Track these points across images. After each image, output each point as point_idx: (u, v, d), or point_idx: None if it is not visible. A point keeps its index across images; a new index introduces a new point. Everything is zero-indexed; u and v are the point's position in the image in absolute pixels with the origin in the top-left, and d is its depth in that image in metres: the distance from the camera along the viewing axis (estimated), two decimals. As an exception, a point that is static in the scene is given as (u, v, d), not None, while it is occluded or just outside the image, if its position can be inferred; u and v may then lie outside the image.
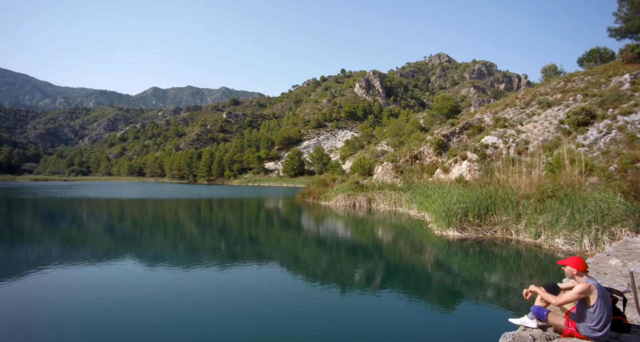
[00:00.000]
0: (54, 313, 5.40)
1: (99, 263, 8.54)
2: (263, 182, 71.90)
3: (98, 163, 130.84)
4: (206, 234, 13.32)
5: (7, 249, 10.35)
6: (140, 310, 5.59)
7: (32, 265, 8.34)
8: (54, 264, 8.38)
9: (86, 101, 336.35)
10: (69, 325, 4.97)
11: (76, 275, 7.53)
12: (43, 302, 5.89)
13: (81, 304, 5.81)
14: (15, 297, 6.15)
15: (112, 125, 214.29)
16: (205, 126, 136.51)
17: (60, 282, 6.99)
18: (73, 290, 6.53)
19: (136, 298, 6.17)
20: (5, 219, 17.23)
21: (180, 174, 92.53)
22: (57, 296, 6.20)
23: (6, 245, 10.98)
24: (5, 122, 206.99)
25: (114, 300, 5.99)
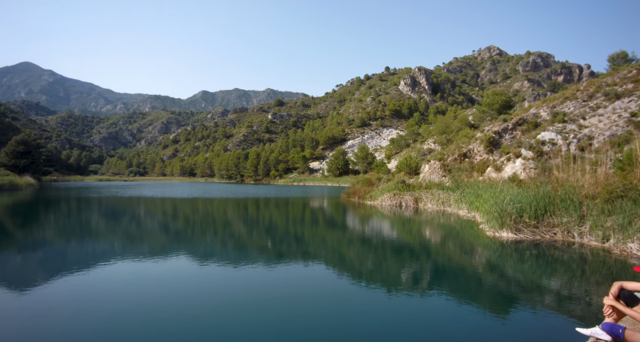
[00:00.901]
0: (111, 305, 5.75)
1: (155, 259, 9.02)
2: (308, 181, 72.65)
3: (153, 164, 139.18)
4: (253, 232, 13.65)
5: (77, 244, 11.32)
6: (190, 305, 5.81)
7: (98, 258, 9.02)
8: (116, 259, 8.99)
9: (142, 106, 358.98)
10: (125, 317, 5.28)
11: (134, 269, 8.01)
12: (102, 295, 6.31)
13: (137, 297, 6.15)
14: (82, 287, 6.65)
15: (166, 128, 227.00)
16: (252, 127, 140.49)
17: (120, 276, 7.47)
18: (131, 284, 6.94)
19: (187, 294, 6.42)
20: (76, 216, 18.80)
21: (229, 174, 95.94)
22: (114, 289, 6.62)
23: (77, 239, 12.01)
24: (75, 127, 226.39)
25: (166, 295, 6.29)
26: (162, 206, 23.81)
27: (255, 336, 4.68)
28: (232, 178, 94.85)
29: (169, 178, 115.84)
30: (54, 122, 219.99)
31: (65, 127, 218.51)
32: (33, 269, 8.19)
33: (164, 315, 5.32)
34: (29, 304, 5.79)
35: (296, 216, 19.28)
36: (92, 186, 56.80)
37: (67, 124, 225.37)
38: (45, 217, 17.84)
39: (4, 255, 9.67)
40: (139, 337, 4.59)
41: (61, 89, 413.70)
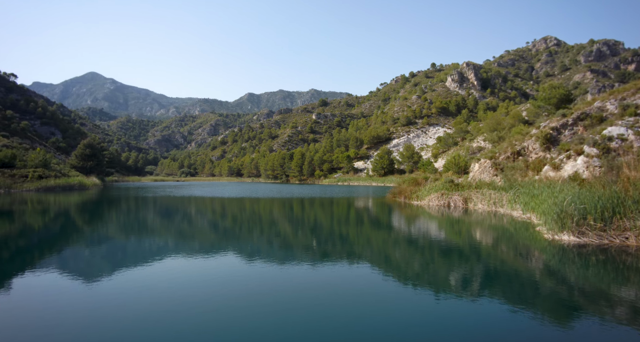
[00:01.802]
0: (163, 300, 6.04)
1: (205, 256, 9.38)
2: (352, 181, 72.35)
3: (203, 165, 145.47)
4: (298, 232, 13.79)
5: (136, 240, 12.11)
6: (238, 305, 5.95)
7: (154, 254, 9.58)
8: (170, 255, 9.49)
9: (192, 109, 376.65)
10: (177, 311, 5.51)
11: (186, 266, 8.39)
12: (155, 289, 6.64)
13: (188, 292, 6.41)
14: (139, 281, 7.06)
15: (214, 130, 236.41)
16: (296, 128, 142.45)
17: (173, 272, 7.85)
18: (183, 279, 7.26)
19: (236, 292, 6.59)
20: (135, 214, 20.11)
21: (274, 174, 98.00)
22: (168, 283, 6.95)
23: (135, 236, 12.84)
24: (133, 131, 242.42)
25: (215, 292, 6.50)
26: (211, 205, 24.79)
27: (302, 335, 4.69)
28: (278, 178, 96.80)
29: (218, 178, 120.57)
30: (115, 127, 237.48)
31: (124, 131, 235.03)
32: (98, 262, 8.84)
33: (213, 312, 5.50)
34: (95, 293, 6.26)
35: (341, 215, 19.23)
36: (148, 186, 60.46)
37: (125, 128, 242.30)
38: (108, 215, 19.27)
39: (75, 248, 10.58)
40: (190, 331, 4.77)
41: (121, 96, 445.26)
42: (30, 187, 37.31)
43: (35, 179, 39.25)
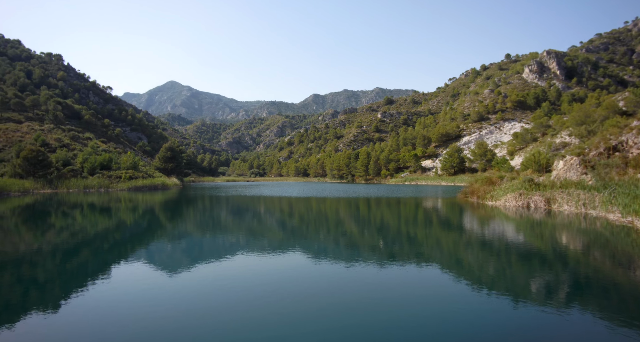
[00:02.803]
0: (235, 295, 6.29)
1: (274, 253, 9.67)
2: (420, 180, 70.04)
3: (271, 165, 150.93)
4: (365, 231, 13.63)
5: (211, 236, 12.92)
6: (305, 306, 6.00)
7: (227, 250, 10.13)
8: (241, 251, 9.96)
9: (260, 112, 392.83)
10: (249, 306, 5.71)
11: (256, 263, 8.72)
12: (227, 284, 6.96)
13: (257, 288, 6.63)
14: (214, 276, 7.48)
15: (281, 132, 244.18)
16: (361, 127, 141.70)
17: (245, 268, 8.20)
18: (253, 275, 7.54)
19: (304, 290, 6.67)
20: (210, 212, 21.51)
21: (340, 174, 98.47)
22: (240, 279, 7.26)
23: (210, 232, 13.70)
24: (207, 134, 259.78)
25: (283, 290, 6.63)
26: (279, 204, 25.59)
27: (371, 336, 4.57)
28: (344, 178, 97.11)
29: (285, 178, 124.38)
30: (191, 131, 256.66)
31: (199, 134, 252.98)
32: (178, 256, 9.57)
33: (279, 310, 5.60)
34: (175, 284, 6.78)
35: (408, 216, 18.66)
36: (221, 186, 64.31)
37: (200, 132, 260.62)
38: (187, 213, 20.84)
39: (159, 243, 11.60)
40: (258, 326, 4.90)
41: (196, 102, 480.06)
42: (123, 187, 41.79)
43: (126, 180, 43.87)
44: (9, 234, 12.69)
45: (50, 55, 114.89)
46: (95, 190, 39.15)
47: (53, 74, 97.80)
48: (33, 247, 10.41)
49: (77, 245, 10.93)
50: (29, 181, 35.35)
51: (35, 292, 6.53)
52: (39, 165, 37.50)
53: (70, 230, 13.72)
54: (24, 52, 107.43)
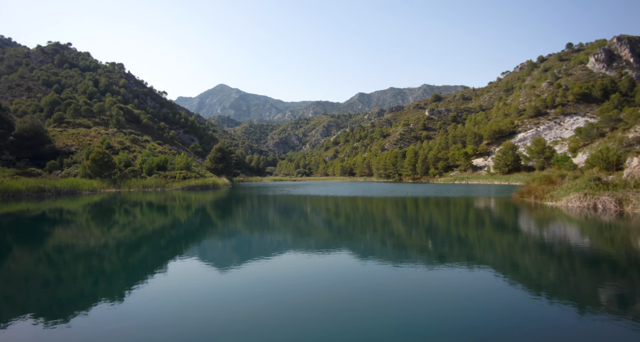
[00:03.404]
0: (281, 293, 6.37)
1: (320, 253, 9.70)
2: (471, 180, 67.15)
3: (317, 165, 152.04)
4: (412, 232, 13.29)
5: (259, 234, 13.25)
6: (350, 301, 5.94)
7: (275, 248, 10.34)
8: (288, 250, 10.11)
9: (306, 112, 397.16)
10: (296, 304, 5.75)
11: (303, 262, 8.79)
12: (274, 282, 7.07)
13: (304, 288, 6.67)
14: (260, 274, 7.64)
15: (326, 131, 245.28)
16: (408, 125, 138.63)
17: (291, 267, 8.30)
18: (300, 274, 7.61)
19: (350, 291, 6.62)
20: (258, 210, 22.09)
21: (386, 173, 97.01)
22: (286, 277, 7.35)
23: (258, 231, 14.06)
24: (254, 135, 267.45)
25: (329, 289, 6.62)
26: (325, 204, 25.70)
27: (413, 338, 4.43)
28: (390, 177, 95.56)
29: (331, 178, 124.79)
30: (240, 132, 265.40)
31: (247, 135, 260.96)
32: (229, 254, 9.91)
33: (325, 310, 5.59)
34: (225, 282, 7.03)
35: (459, 216, 17.93)
36: (269, 185, 65.86)
37: (248, 133, 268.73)
38: (236, 211, 21.57)
39: (211, 240, 12.11)
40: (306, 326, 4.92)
41: (244, 104, 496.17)
42: (177, 187, 44.15)
43: (180, 180, 46.30)
44: (82, 229, 13.87)
45: (113, 64, 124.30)
46: (153, 189, 41.72)
47: (116, 82, 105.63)
48: (100, 242, 11.29)
49: (137, 240, 11.69)
50: (97, 181, 38.46)
51: (103, 282, 7.07)
52: (104, 166, 40.69)
53: (132, 226, 14.71)
54: (92, 63, 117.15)
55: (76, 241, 11.43)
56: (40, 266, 8.36)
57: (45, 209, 20.84)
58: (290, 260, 8.81)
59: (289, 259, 8.86)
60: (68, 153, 50.40)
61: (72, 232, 13.15)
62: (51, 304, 5.93)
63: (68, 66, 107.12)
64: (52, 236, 12.50)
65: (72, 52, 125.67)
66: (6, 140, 45.20)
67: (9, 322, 5.15)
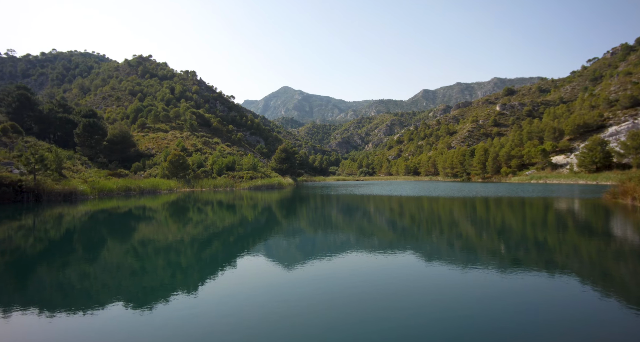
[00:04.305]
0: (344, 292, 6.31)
1: (384, 253, 9.51)
2: (550, 178, 61.55)
3: (380, 164, 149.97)
4: (482, 233, 12.49)
5: (322, 234, 13.39)
6: (417, 305, 5.70)
7: (338, 248, 10.35)
8: (351, 249, 10.05)
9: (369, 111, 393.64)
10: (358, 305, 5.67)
11: (365, 262, 8.68)
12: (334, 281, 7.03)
13: (366, 289, 6.55)
14: (322, 273, 7.68)
15: (390, 130, 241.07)
16: (477, 122, 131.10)
17: (353, 267, 8.23)
18: (360, 275, 7.51)
19: (415, 293, 6.38)
20: (321, 210, 22.36)
21: (453, 172, 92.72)
22: (348, 277, 7.29)
23: (322, 230, 14.20)
24: (317, 135, 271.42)
25: (393, 291, 6.44)
26: (389, 203, 25.21)
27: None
28: (458, 176, 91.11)
29: (395, 177, 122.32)
30: (303, 132, 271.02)
31: (310, 135, 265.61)
32: (293, 252, 10.13)
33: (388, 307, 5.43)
34: (287, 278, 7.18)
35: (536, 218, 16.49)
36: (332, 185, 66.34)
37: (311, 133, 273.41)
38: (300, 210, 22.02)
39: (274, 239, 12.49)
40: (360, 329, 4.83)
41: (307, 104, 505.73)
42: (244, 186, 46.31)
43: (247, 180, 48.49)
44: (161, 225, 15.12)
45: (187, 72, 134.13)
46: (223, 189, 44.20)
47: (189, 88, 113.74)
48: (177, 237, 12.20)
49: (209, 237, 12.44)
50: (173, 181, 41.73)
51: (179, 275, 7.62)
52: (180, 167, 44.00)
53: (204, 224, 15.70)
54: (169, 72, 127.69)
55: (156, 236, 12.47)
56: (128, 257, 9.24)
57: (132, 207, 23.07)
58: (354, 260, 8.75)
59: (352, 259, 8.81)
60: (149, 155, 55.37)
61: (153, 227, 14.38)
62: (137, 291, 6.52)
63: (149, 76, 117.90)
64: (137, 230, 13.78)
65: (152, 63, 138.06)
66: (101, 145, 50.93)
67: (105, 305, 5.76)
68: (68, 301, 6.11)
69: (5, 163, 27.72)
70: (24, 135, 39.25)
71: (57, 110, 54.88)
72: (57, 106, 56.87)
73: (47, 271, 8.11)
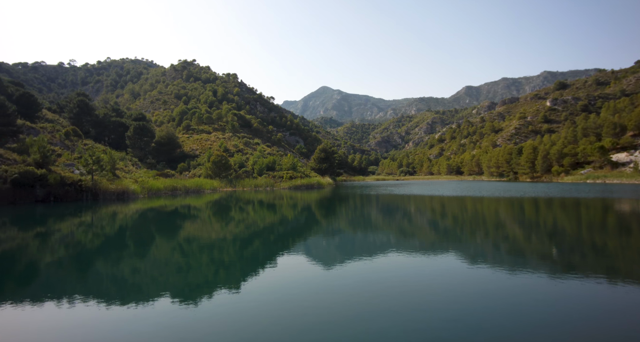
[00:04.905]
0: (381, 294, 6.20)
1: (424, 255, 9.26)
2: (610, 178, 57.16)
3: (421, 164, 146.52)
4: (532, 236, 11.82)
5: (362, 234, 13.30)
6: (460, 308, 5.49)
7: (378, 248, 10.21)
8: (391, 250, 9.87)
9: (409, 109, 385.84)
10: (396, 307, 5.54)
11: (406, 263, 8.49)
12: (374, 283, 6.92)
13: (406, 291, 6.40)
14: (361, 273, 7.60)
15: (431, 129, 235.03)
16: (525, 118, 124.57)
17: (394, 268, 8.07)
18: (401, 276, 7.34)
19: (459, 297, 6.15)
20: (360, 210, 22.21)
21: (499, 172, 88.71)
22: (388, 278, 7.15)
23: (361, 230, 14.12)
24: (356, 135, 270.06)
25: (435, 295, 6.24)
26: (430, 204, 24.56)
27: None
28: (504, 175, 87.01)
29: (436, 177, 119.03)
30: (342, 132, 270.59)
31: (349, 135, 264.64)
32: (332, 252, 10.12)
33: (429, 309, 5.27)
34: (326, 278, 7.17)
35: (593, 220, 15.37)
36: (371, 185, 65.74)
37: (350, 133, 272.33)
38: (339, 210, 22.00)
39: (313, 239, 12.55)
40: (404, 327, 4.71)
41: (346, 104, 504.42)
42: (284, 186, 47.00)
43: (287, 179, 49.17)
44: (205, 223, 15.70)
45: (228, 75, 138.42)
46: (263, 188, 45.14)
47: (230, 91, 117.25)
48: (220, 236, 12.60)
49: (250, 236, 12.74)
50: (216, 181, 43.20)
51: (222, 271, 7.87)
52: (222, 167, 45.47)
53: (246, 222, 16.10)
54: (211, 75, 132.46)
55: (200, 233, 12.95)
56: (175, 254, 9.67)
57: (178, 205, 24.14)
58: (394, 260, 8.59)
59: (392, 260, 8.65)
60: (193, 156, 57.70)
61: (197, 226, 14.96)
62: (183, 287, 6.80)
63: (193, 80, 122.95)
64: (183, 228, 14.39)
65: (196, 67, 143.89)
66: (149, 146, 53.79)
67: (154, 298, 6.07)
68: (122, 293, 6.49)
69: (68, 164, 30.02)
70: (83, 139, 42.30)
71: (111, 114, 58.66)
72: (111, 111, 60.81)
73: (104, 264, 8.67)
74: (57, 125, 44.57)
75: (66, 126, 44.81)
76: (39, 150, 26.13)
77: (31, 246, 10.93)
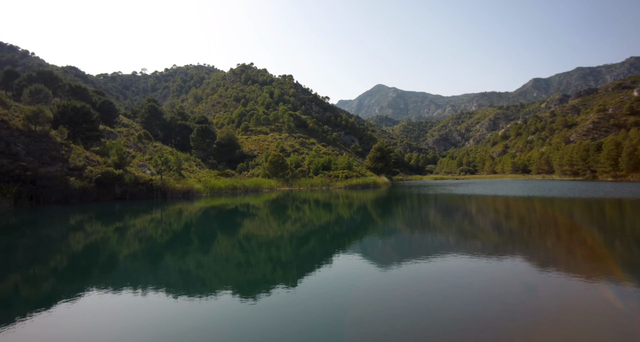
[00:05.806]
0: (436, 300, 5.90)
1: (488, 258, 8.72)
2: None
3: (482, 162, 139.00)
4: (615, 241, 10.63)
5: (419, 235, 12.90)
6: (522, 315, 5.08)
7: (436, 250, 9.82)
8: (450, 253, 9.42)
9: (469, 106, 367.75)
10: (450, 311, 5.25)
11: (468, 267, 8.03)
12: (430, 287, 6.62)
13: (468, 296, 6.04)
14: (417, 274, 7.32)
15: (493, 125, 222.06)
16: (605, 111, 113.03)
17: (452, 271, 7.68)
18: (460, 280, 6.96)
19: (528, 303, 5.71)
20: (418, 210, 21.59)
21: (573, 170, 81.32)
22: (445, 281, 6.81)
23: (419, 230, 13.68)
24: (412, 133, 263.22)
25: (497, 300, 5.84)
26: (493, 204, 23.17)
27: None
28: (579, 174, 79.60)
29: (500, 176, 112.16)
30: (398, 130, 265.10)
31: (405, 133, 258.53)
32: (389, 252, 9.92)
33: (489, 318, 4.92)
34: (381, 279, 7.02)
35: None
36: (429, 184, 63.61)
37: (407, 131, 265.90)
38: (396, 210, 21.55)
39: (369, 238, 12.41)
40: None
41: (401, 102, 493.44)
42: (340, 185, 47.08)
43: (343, 179, 49.19)
44: (263, 222, 16.20)
45: (284, 76, 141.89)
46: (319, 188, 45.59)
47: (286, 92, 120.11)
48: (277, 234, 12.92)
49: (306, 234, 12.90)
50: (274, 180, 44.46)
51: (279, 269, 8.04)
52: (279, 167, 46.68)
53: (302, 221, 16.34)
54: (268, 77, 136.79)
55: (259, 231, 13.38)
56: (235, 250, 10.07)
57: (237, 204, 25.19)
58: (454, 263, 8.15)
59: (451, 263, 8.22)
60: (252, 156, 59.95)
61: (256, 224, 15.48)
62: (242, 283, 7.05)
63: (250, 82, 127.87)
64: (242, 226, 14.96)
65: (254, 70, 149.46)
66: (211, 147, 56.84)
67: (217, 292, 6.38)
68: (188, 286, 6.90)
69: (140, 165, 32.70)
70: (152, 141, 45.83)
71: (176, 118, 62.89)
72: (176, 114, 65.19)
73: (172, 258, 9.28)
74: (131, 129, 48.82)
75: (139, 130, 48.86)
76: (117, 153, 28.79)
77: (111, 239, 12.03)
